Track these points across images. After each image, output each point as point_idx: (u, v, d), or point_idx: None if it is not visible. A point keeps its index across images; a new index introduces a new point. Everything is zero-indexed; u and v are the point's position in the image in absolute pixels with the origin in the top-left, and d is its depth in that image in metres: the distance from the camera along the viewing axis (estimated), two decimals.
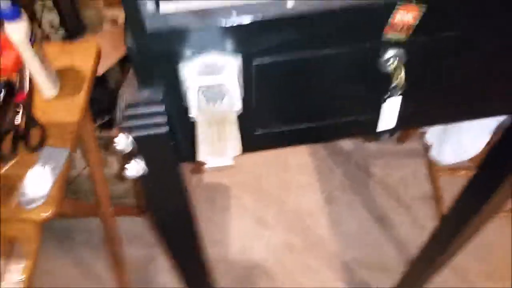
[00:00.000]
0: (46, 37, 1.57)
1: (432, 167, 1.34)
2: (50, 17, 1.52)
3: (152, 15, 0.40)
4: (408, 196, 1.54)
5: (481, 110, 0.59)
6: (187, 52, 0.42)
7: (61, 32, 1.57)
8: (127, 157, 0.50)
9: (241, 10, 0.40)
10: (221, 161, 0.39)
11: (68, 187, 1.38)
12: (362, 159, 1.65)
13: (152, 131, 0.47)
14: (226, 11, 0.40)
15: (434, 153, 1.15)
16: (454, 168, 1.29)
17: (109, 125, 1.40)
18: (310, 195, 1.58)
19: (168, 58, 0.43)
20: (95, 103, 1.31)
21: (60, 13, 1.52)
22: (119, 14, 1.56)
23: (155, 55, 0.42)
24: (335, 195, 1.57)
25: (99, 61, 1.00)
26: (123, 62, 1.48)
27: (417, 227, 1.47)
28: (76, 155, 1.29)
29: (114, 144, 0.47)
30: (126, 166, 0.51)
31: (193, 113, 0.43)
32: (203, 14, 0.40)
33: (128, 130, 0.46)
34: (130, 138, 0.47)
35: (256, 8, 0.40)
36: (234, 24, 0.40)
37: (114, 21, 1.57)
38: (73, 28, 1.59)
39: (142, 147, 0.48)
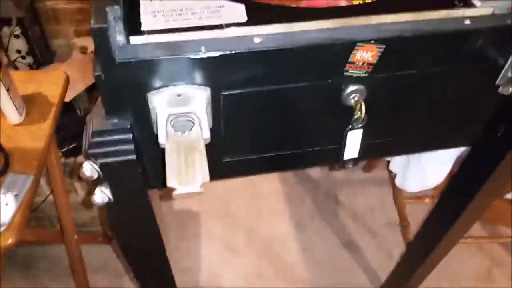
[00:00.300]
0: (13, 64, 1.55)
1: (398, 195, 1.38)
2: (17, 44, 1.51)
3: (122, 46, 0.41)
4: (375, 223, 1.57)
5: (440, 142, 0.62)
6: (156, 83, 0.43)
7: (29, 59, 1.56)
8: (94, 184, 0.50)
9: (210, 44, 0.42)
10: (189, 188, 0.40)
11: (33, 213, 1.34)
12: (330, 187, 1.67)
13: (119, 158, 0.47)
14: (195, 45, 0.41)
15: (398, 182, 1.19)
16: (419, 196, 1.33)
17: (75, 152, 1.38)
18: (280, 222, 1.58)
19: (137, 88, 0.43)
20: (62, 129, 1.30)
21: (28, 41, 1.51)
22: (89, 43, 1.56)
23: (124, 85, 0.43)
24: (305, 223, 1.58)
25: (67, 88, 0.99)
26: (91, 90, 1.48)
27: (385, 253, 1.49)
28: (42, 181, 1.26)
29: (81, 171, 0.47)
30: (93, 192, 0.50)
31: (161, 141, 0.44)
32: (172, 47, 0.41)
33: (95, 156, 0.46)
34: (96, 165, 0.47)
35: (224, 43, 0.42)
36: (203, 58, 0.41)
37: (83, 49, 1.57)
38: (42, 55, 1.58)
39: (109, 174, 0.48)
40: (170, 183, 0.39)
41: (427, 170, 1.07)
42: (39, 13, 1.57)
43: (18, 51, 1.53)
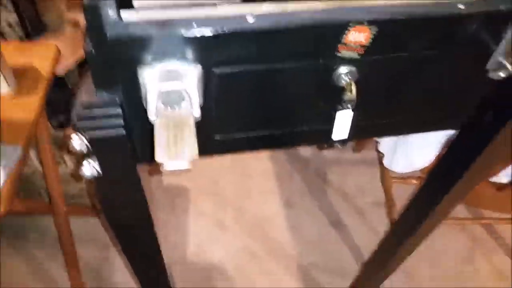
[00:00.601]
0: (2, 36, 1.52)
1: (385, 175, 1.40)
2: (7, 16, 1.48)
3: (113, 22, 0.40)
4: (363, 203, 1.59)
5: (430, 125, 0.63)
6: (148, 58, 0.43)
7: (19, 31, 1.52)
8: (82, 157, 0.50)
9: (202, 22, 0.41)
10: (178, 165, 0.40)
11: (22, 185, 1.34)
12: (320, 166, 1.69)
13: (108, 133, 0.47)
14: (187, 22, 0.41)
15: (386, 163, 1.20)
16: (406, 177, 1.34)
17: (64, 124, 1.38)
18: (269, 200, 1.60)
19: (127, 63, 0.43)
20: (52, 103, 1.28)
21: (19, 14, 1.47)
22: (81, 17, 1.53)
23: (114, 60, 0.43)
24: (294, 201, 1.60)
25: (57, 62, 0.98)
26: (82, 64, 1.46)
27: (371, 232, 1.52)
28: (31, 153, 1.25)
29: (70, 143, 0.47)
30: (82, 164, 0.50)
31: (151, 116, 0.44)
32: (164, 24, 0.41)
33: (84, 130, 0.46)
34: (85, 138, 0.47)
35: (217, 21, 0.42)
36: (195, 35, 0.41)
37: (75, 24, 1.54)
38: (33, 29, 1.55)
39: (97, 148, 0.48)
40: (158, 158, 0.39)
41: (414, 152, 1.09)
42: None
43: (9, 25, 1.50)
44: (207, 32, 0.42)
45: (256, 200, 1.60)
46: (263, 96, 0.51)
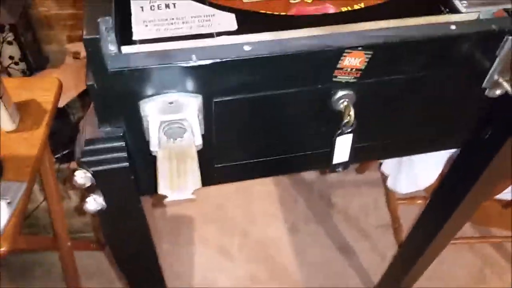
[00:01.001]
0: (6, 70, 1.55)
1: (390, 196, 1.39)
2: (10, 51, 1.51)
3: (113, 55, 0.41)
4: (368, 225, 1.58)
5: (430, 145, 0.63)
6: (148, 91, 0.44)
7: (22, 65, 1.55)
8: (86, 192, 0.50)
9: (201, 53, 0.42)
10: (181, 195, 0.40)
11: (25, 221, 1.33)
12: (324, 189, 1.68)
13: (112, 166, 0.47)
14: (186, 53, 0.42)
15: (390, 184, 1.20)
16: (411, 197, 1.34)
17: (68, 158, 1.38)
18: (274, 225, 1.59)
19: (129, 96, 0.44)
20: (55, 135, 1.29)
21: (21, 47, 1.51)
22: (81, 48, 1.56)
23: (116, 93, 0.43)
24: (299, 225, 1.58)
25: (60, 95, 0.99)
26: (84, 95, 1.48)
27: (378, 255, 1.50)
28: (35, 188, 1.25)
29: (74, 179, 0.47)
30: (86, 200, 0.51)
31: (153, 148, 0.44)
32: (163, 55, 0.42)
33: (88, 164, 0.47)
34: (89, 173, 0.47)
35: (215, 51, 0.43)
36: (194, 66, 0.42)
37: (76, 55, 1.57)
38: (35, 61, 1.58)
39: (101, 182, 0.48)
40: (161, 190, 0.40)
41: (418, 172, 1.09)
42: (32, 19, 1.57)
43: (11, 57, 1.53)
44: (206, 62, 0.43)
45: (260, 225, 1.59)
46: (264, 123, 0.52)
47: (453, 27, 0.47)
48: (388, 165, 1.19)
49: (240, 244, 1.54)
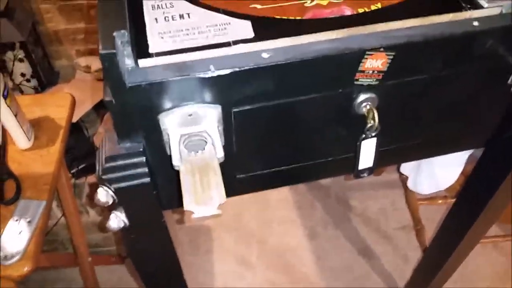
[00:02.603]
0: (18, 87, 1.56)
1: (410, 197, 1.36)
2: (21, 68, 1.52)
3: (131, 70, 0.40)
4: (388, 227, 1.55)
5: (454, 145, 0.61)
6: (167, 104, 0.43)
7: (34, 82, 1.57)
8: (108, 209, 0.50)
9: (219, 63, 0.41)
10: (207, 210, 0.39)
11: (45, 237, 1.34)
12: (341, 193, 1.66)
13: (133, 182, 0.46)
14: (204, 64, 0.41)
15: (410, 184, 1.18)
16: (431, 197, 1.31)
17: (84, 172, 1.39)
18: (292, 231, 1.57)
19: (147, 110, 0.43)
20: (70, 150, 1.30)
21: (32, 64, 1.52)
22: (92, 62, 1.57)
23: (134, 108, 0.43)
24: (317, 230, 1.57)
25: (73, 110, 0.99)
26: (97, 109, 1.48)
27: (400, 257, 1.48)
28: (53, 204, 1.25)
29: (95, 197, 0.47)
30: (109, 218, 0.50)
31: (175, 162, 0.43)
32: (181, 67, 0.41)
33: (109, 182, 0.46)
34: (111, 190, 0.47)
35: (233, 60, 0.42)
36: (212, 76, 0.41)
37: (87, 69, 1.58)
38: (46, 77, 1.59)
39: (123, 199, 0.48)
40: (187, 206, 0.39)
41: (439, 172, 1.06)
42: (41, 36, 1.58)
43: (23, 75, 1.54)
44: (224, 72, 0.42)
45: (278, 232, 1.57)
46: (285, 131, 0.51)
47: (475, 23, 0.46)
48: (408, 166, 1.17)
49: (259, 252, 1.52)
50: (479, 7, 0.48)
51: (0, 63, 1.49)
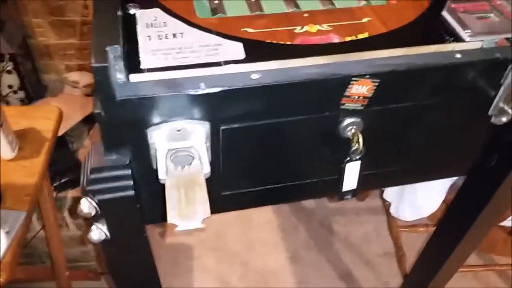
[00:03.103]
0: (4, 99, 1.55)
1: (392, 224, 1.38)
2: (9, 79, 1.51)
3: (122, 83, 0.41)
4: (371, 253, 1.56)
5: (437, 172, 0.63)
6: (156, 119, 0.43)
7: (21, 94, 1.56)
8: (89, 221, 0.49)
9: (209, 81, 0.42)
10: (191, 224, 0.39)
11: (22, 249, 1.31)
12: (324, 217, 1.66)
13: (117, 194, 0.46)
14: (194, 82, 0.42)
15: (392, 211, 1.19)
16: (413, 225, 1.33)
17: (66, 186, 1.37)
18: (274, 254, 1.56)
19: (136, 124, 0.44)
20: (53, 163, 1.28)
21: (20, 76, 1.51)
22: (80, 77, 1.57)
23: (123, 121, 0.43)
24: (300, 254, 1.56)
25: (60, 123, 0.99)
26: (83, 124, 1.48)
27: (381, 284, 1.48)
28: (33, 217, 1.23)
29: (79, 208, 0.47)
30: (90, 229, 0.50)
31: (161, 176, 0.44)
32: (172, 84, 0.42)
33: (93, 193, 0.46)
34: (94, 201, 0.47)
35: (222, 79, 0.43)
36: (202, 94, 0.42)
37: (75, 84, 1.58)
38: (33, 90, 1.59)
39: (107, 210, 0.48)
40: (171, 219, 0.39)
41: (421, 199, 1.08)
42: (31, 49, 1.58)
43: (10, 86, 1.53)
44: (214, 90, 0.43)
45: (261, 254, 1.56)
46: (271, 150, 0.51)
47: (458, 55, 0.48)
48: (391, 193, 1.19)
49: (240, 274, 1.51)
50: (461, 40, 0.50)
51: None
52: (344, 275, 1.50)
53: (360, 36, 0.51)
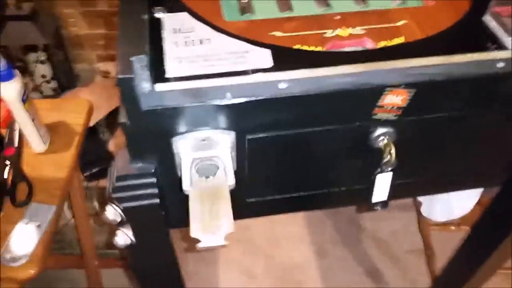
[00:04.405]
0: (38, 89, 1.58)
1: (422, 222, 1.34)
2: (42, 69, 1.54)
3: (147, 93, 0.40)
4: (399, 250, 1.53)
5: (470, 183, 0.60)
6: (181, 128, 0.43)
7: (53, 84, 1.59)
8: (117, 227, 0.50)
9: (235, 90, 0.41)
10: (214, 240, 0.39)
11: (54, 237, 1.35)
12: (352, 212, 1.64)
13: (142, 202, 0.46)
14: (220, 91, 0.41)
15: (424, 211, 1.16)
16: (444, 224, 1.29)
17: (97, 176, 1.40)
18: (300, 247, 1.55)
19: (161, 134, 0.43)
20: (84, 154, 1.31)
21: (53, 66, 1.54)
22: (111, 68, 1.59)
23: (148, 131, 0.43)
24: (326, 249, 1.55)
25: (90, 117, 1.00)
26: (114, 114, 1.50)
27: (408, 282, 1.45)
28: (64, 206, 1.26)
29: (104, 215, 0.47)
30: (115, 234, 0.50)
31: (185, 187, 0.43)
32: (197, 93, 0.41)
33: (119, 200, 0.46)
34: (119, 208, 0.47)
35: (249, 89, 0.41)
36: (228, 104, 0.41)
37: (106, 74, 1.59)
38: (66, 80, 1.61)
39: (132, 218, 0.48)
40: (194, 234, 0.38)
41: (454, 201, 1.04)
42: (63, 39, 1.61)
43: (43, 76, 1.57)
44: (241, 100, 0.41)
45: (286, 247, 1.56)
46: (298, 159, 0.50)
47: (500, 64, 0.45)
48: None
49: (265, 266, 1.51)
50: (505, 48, 0.46)
51: (23, 65, 1.51)
52: (370, 271, 1.48)
53: (395, 41, 0.48)
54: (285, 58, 0.44)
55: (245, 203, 0.54)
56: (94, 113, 1.18)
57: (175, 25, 0.47)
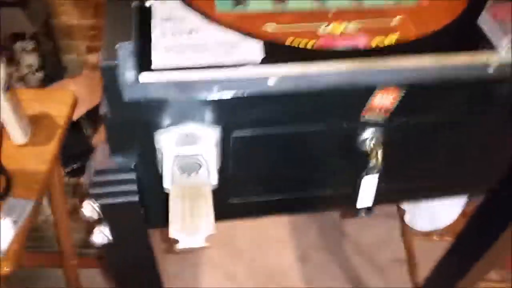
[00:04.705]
0: (23, 79, 1.54)
1: (406, 231, 1.34)
2: (29, 59, 1.50)
3: (130, 84, 0.39)
4: (382, 259, 1.52)
5: (457, 189, 0.59)
6: (165, 122, 0.41)
7: (40, 74, 1.55)
8: (94, 224, 0.48)
9: (222, 85, 0.40)
10: (193, 242, 0.37)
11: (33, 233, 1.31)
12: (337, 217, 1.63)
13: (121, 199, 0.44)
14: (207, 85, 0.39)
15: (408, 220, 1.15)
16: (428, 233, 1.29)
17: (79, 172, 1.36)
18: (283, 252, 1.54)
19: (144, 127, 0.41)
20: (66, 148, 1.28)
21: (40, 56, 1.50)
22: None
23: (130, 123, 0.41)
24: (309, 253, 1.54)
25: (74, 109, 0.98)
26: (99, 108, 1.46)
27: None
28: (44, 201, 1.23)
29: (80, 211, 0.45)
30: (93, 232, 0.48)
31: (166, 185, 0.42)
32: (183, 86, 0.39)
33: (96, 197, 0.44)
34: (97, 205, 0.45)
35: (237, 84, 0.40)
36: (215, 99, 0.39)
37: (94, 66, 1.56)
38: (53, 71, 1.58)
39: (109, 215, 0.46)
40: (173, 234, 0.37)
41: (438, 211, 1.04)
42: (53, 29, 1.57)
43: (30, 66, 1.52)
44: (228, 95, 0.40)
45: (270, 251, 1.54)
46: (284, 159, 0.49)
47: (492, 68, 0.44)
48: None
49: (248, 270, 1.49)
50: (498, 52, 0.46)
51: (9, 53, 1.47)
52: (352, 279, 1.48)
53: (389, 38, 0.47)
54: (276, 52, 0.43)
55: (228, 204, 0.52)
56: (79, 107, 1.15)
57: (164, 14, 0.45)
